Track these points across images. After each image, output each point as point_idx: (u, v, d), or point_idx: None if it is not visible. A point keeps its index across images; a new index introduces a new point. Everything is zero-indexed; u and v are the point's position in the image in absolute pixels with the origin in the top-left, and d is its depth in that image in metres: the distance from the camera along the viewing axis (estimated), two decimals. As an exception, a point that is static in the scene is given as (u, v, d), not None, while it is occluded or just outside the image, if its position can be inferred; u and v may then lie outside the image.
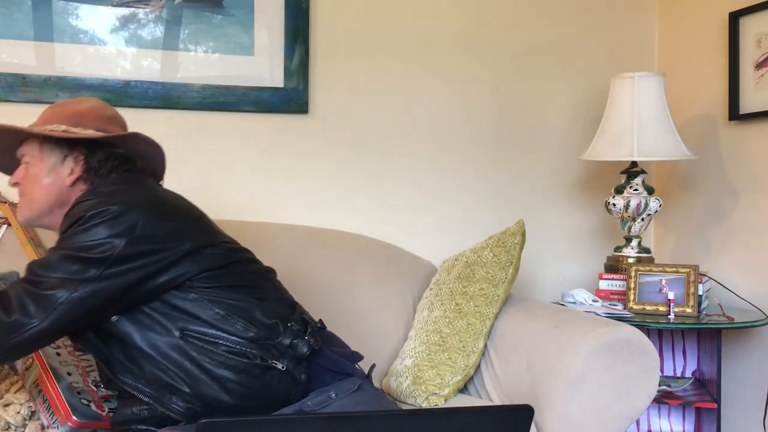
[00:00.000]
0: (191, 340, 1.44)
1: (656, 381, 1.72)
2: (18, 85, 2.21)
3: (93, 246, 1.41)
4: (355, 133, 2.52)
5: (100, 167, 1.55)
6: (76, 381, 1.61)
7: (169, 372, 1.44)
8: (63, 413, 1.53)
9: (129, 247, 1.42)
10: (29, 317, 1.38)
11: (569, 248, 2.73)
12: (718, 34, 2.50)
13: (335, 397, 1.51)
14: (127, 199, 1.46)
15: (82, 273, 1.40)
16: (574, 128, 2.70)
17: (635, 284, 2.26)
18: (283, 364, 1.48)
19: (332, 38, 2.48)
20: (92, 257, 1.41)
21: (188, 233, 1.49)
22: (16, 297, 1.39)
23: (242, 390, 1.45)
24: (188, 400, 1.45)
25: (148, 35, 2.33)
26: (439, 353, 1.97)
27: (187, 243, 1.47)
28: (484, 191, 2.64)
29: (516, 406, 1.22)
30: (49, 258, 1.44)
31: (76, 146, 1.55)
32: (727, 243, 2.48)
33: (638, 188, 2.42)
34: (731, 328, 2.24)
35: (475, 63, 2.62)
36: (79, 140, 1.55)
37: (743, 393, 2.38)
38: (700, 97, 2.59)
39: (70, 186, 1.55)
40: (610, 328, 1.72)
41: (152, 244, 1.44)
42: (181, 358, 1.44)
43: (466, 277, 2.06)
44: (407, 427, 1.11)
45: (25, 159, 1.57)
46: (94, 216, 1.42)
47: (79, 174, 1.55)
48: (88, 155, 1.55)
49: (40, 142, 1.56)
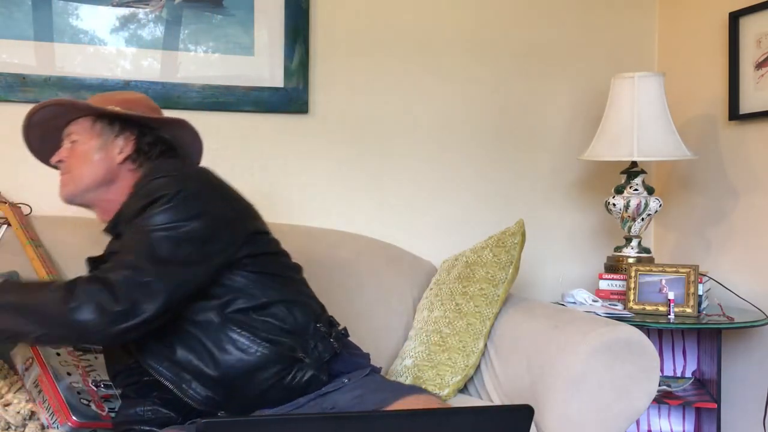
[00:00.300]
0: (234, 317, 1.46)
1: (656, 381, 1.72)
2: (18, 85, 2.22)
3: (182, 226, 1.43)
4: (355, 133, 2.52)
5: (149, 150, 1.59)
6: (76, 381, 1.61)
7: (202, 353, 1.45)
8: (63, 413, 1.53)
9: (212, 228, 1.46)
10: (137, 305, 1.36)
11: (569, 248, 2.73)
12: (718, 34, 2.50)
13: (348, 381, 1.54)
14: (199, 181, 1.52)
15: (181, 255, 1.42)
16: (574, 128, 2.70)
17: (635, 284, 2.26)
18: (309, 360, 1.50)
19: (332, 38, 2.49)
20: (185, 238, 1.43)
21: (249, 217, 1.57)
22: (119, 284, 1.36)
23: (269, 378, 1.47)
24: (210, 386, 1.45)
25: (148, 35, 2.33)
26: (439, 353, 1.97)
27: (249, 226, 1.54)
28: (484, 191, 2.64)
29: (516, 406, 1.22)
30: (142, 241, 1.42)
31: (127, 127, 1.58)
32: (727, 243, 2.48)
33: (638, 188, 2.43)
34: (731, 328, 2.24)
35: (475, 63, 2.62)
36: (131, 122, 1.58)
37: (743, 393, 2.38)
38: (700, 97, 2.59)
39: (119, 164, 1.57)
40: (610, 328, 1.72)
41: (227, 227, 1.48)
42: (218, 336, 1.45)
43: (466, 277, 2.06)
44: (407, 427, 1.11)
45: (72, 137, 1.58)
46: (175, 196, 1.45)
47: (128, 153, 1.58)
48: (138, 136, 1.59)
49: (92, 120, 1.58)
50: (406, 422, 1.11)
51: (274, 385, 1.47)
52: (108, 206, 1.58)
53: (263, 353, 1.46)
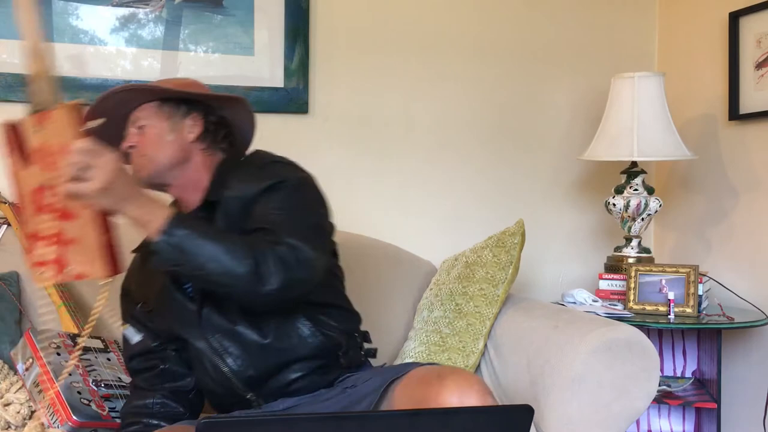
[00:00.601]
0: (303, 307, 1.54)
1: (656, 381, 1.72)
2: (18, 85, 2.22)
3: (318, 210, 1.54)
4: (355, 133, 2.52)
5: (215, 130, 1.62)
6: (77, 381, 1.61)
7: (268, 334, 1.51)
8: (63, 413, 1.53)
9: (328, 216, 1.57)
10: (303, 279, 1.41)
11: (569, 248, 2.73)
12: (718, 34, 2.50)
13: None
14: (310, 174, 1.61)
15: (325, 238, 1.54)
16: (574, 128, 2.70)
17: (635, 284, 2.26)
18: (344, 361, 1.58)
19: (332, 38, 2.49)
20: (322, 223, 1.55)
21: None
22: (275, 260, 1.37)
23: (311, 368, 1.53)
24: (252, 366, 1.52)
25: (148, 35, 2.33)
26: (438, 353, 1.97)
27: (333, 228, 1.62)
28: (484, 191, 2.64)
29: (516, 406, 1.22)
30: (289, 221, 1.47)
31: (193, 108, 1.60)
32: (727, 243, 2.48)
33: (638, 188, 2.43)
34: (731, 328, 2.24)
35: (475, 63, 2.62)
36: (195, 103, 1.60)
37: (743, 393, 2.38)
38: (700, 97, 2.59)
39: (190, 143, 1.59)
40: (610, 328, 1.72)
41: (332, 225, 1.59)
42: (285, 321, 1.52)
43: (466, 277, 2.06)
44: (407, 427, 1.11)
45: (140, 123, 1.58)
46: (303, 182, 1.55)
47: (198, 133, 1.60)
48: (205, 116, 1.61)
49: (158, 104, 1.59)
50: (406, 422, 1.11)
51: (308, 374, 1.53)
52: (187, 184, 1.59)
53: (317, 346, 1.53)
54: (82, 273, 1.29)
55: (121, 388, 1.69)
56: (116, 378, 1.71)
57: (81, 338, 1.51)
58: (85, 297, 2.01)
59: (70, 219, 1.29)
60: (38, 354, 1.62)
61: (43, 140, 1.30)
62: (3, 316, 1.86)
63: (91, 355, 1.73)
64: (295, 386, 1.53)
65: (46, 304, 1.93)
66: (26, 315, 1.93)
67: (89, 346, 1.76)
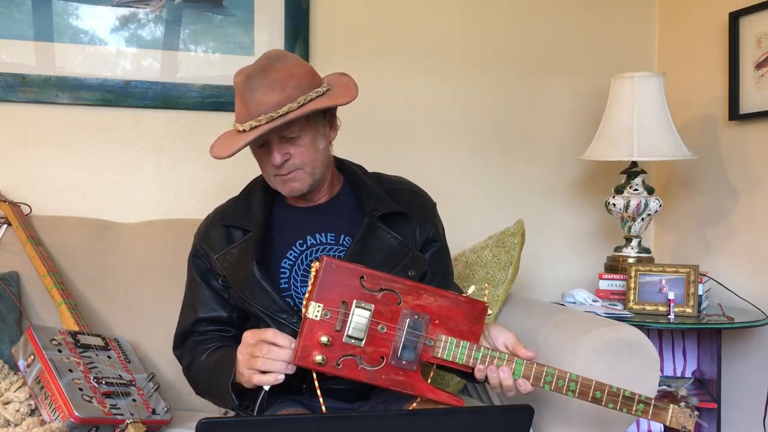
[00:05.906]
0: None
1: (656, 381, 1.72)
2: (18, 85, 2.22)
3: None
4: (354, 133, 2.52)
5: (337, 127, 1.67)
6: (78, 377, 1.62)
7: None
8: (65, 409, 1.53)
9: None
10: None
11: (569, 248, 2.73)
12: (718, 34, 2.50)
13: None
14: None
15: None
16: (574, 128, 2.70)
17: (635, 284, 2.26)
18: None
19: (332, 38, 2.49)
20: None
21: None
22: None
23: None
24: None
25: (148, 35, 2.33)
26: (439, 353, 1.97)
27: None
28: (484, 191, 2.64)
29: (516, 406, 1.22)
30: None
31: (328, 111, 1.63)
32: (727, 243, 2.48)
33: (638, 188, 2.43)
34: (731, 328, 2.24)
35: (475, 63, 2.62)
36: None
37: (743, 393, 2.38)
38: (700, 97, 2.59)
39: (331, 143, 1.65)
40: (610, 328, 1.73)
41: None
42: None
43: (466, 277, 2.06)
44: (407, 427, 1.11)
45: (291, 134, 1.55)
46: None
47: (336, 134, 1.66)
48: (335, 115, 1.65)
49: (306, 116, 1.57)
50: (406, 422, 1.11)
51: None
52: (324, 184, 1.66)
53: None
54: None
55: (121, 386, 1.69)
56: (117, 375, 1.71)
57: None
58: (86, 296, 2.01)
59: None
60: (40, 350, 1.62)
61: None
62: (3, 315, 1.86)
63: (92, 353, 1.73)
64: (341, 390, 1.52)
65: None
66: (26, 315, 1.93)
67: (90, 343, 1.76)
